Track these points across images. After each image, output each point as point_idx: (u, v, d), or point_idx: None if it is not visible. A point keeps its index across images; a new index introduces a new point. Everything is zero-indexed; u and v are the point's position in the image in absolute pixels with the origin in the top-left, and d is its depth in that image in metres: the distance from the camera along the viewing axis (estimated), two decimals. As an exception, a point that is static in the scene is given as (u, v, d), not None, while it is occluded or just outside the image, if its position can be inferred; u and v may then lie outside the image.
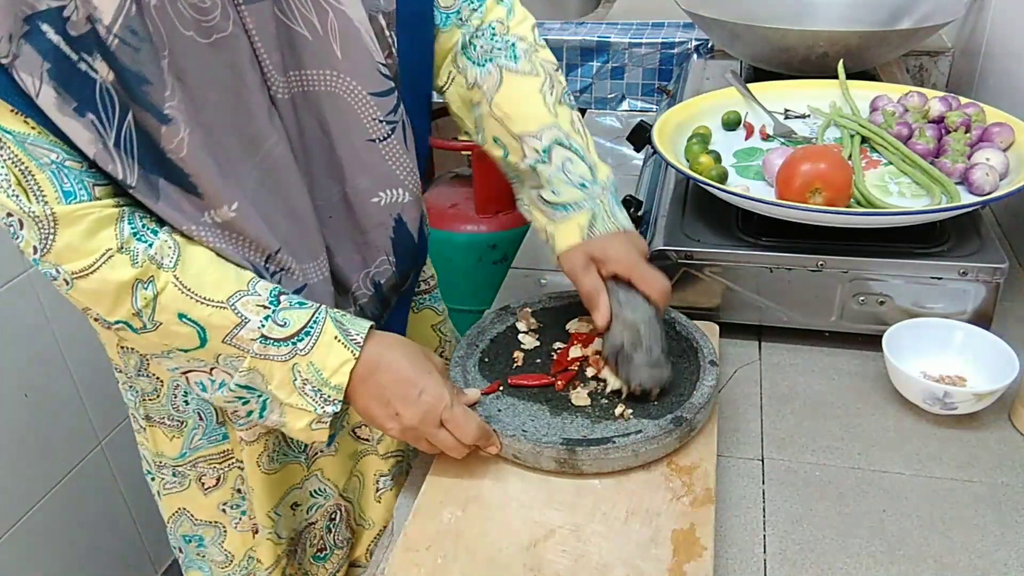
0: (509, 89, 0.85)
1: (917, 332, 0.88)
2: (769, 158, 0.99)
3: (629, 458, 0.74)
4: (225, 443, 0.89)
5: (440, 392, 0.74)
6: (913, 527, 0.72)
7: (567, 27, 1.77)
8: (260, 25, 0.69)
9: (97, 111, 0.63)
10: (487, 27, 0.87)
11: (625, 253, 0.81)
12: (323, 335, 0.72)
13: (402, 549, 0.70)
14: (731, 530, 0.73)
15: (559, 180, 0.83)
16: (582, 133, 0.86)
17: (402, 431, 0.75)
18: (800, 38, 1.24)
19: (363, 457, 0.99)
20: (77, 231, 0.65)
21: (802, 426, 0.84)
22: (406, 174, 0.82)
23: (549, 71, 0.87)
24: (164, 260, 0.69)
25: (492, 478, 0.77)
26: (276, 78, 0.72)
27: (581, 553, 0.68)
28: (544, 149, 0.83)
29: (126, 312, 0.68)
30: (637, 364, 0.79)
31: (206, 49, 0.67)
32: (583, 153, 0.84)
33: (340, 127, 0.77)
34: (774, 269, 0.92)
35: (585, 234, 0.82)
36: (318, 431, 0.74)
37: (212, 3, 0.66)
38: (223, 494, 0.93)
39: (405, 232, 0.85)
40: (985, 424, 0.83)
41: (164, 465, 0.91)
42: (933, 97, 1.10)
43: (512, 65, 0.86)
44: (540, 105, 0.84)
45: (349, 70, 0.75)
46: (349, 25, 0.73)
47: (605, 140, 1.59)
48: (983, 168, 0.93)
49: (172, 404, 0.87)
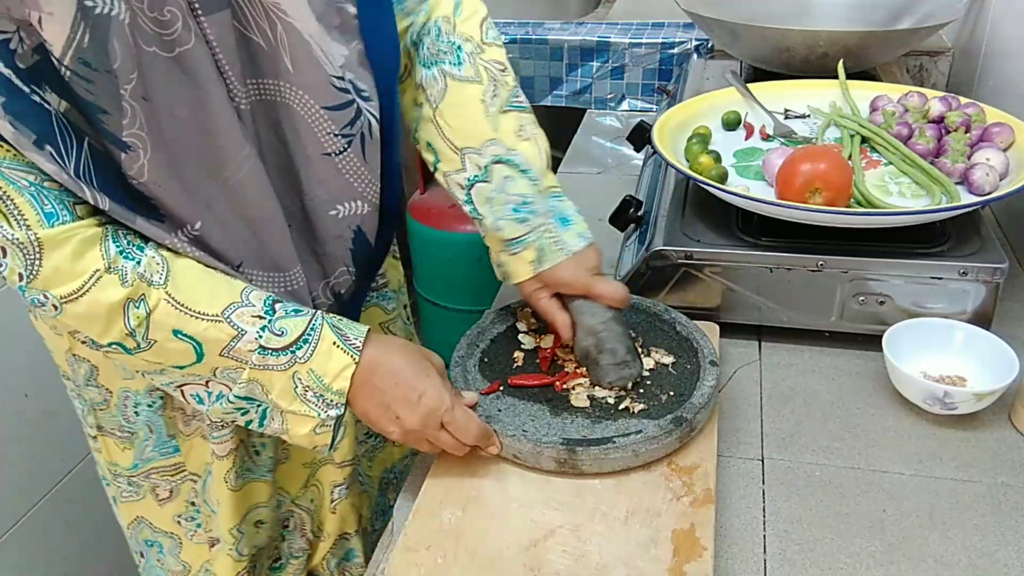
0: (453, 98, 0.83)
1: (917, 332, 0.88)
2: (769, 158, 0.99)
3: (629, 458, 0.74)
4: (176, 456, 0.88)
5: (440, 394, 0.74)
6: (913, 527, 0.72)
7: (567, 27, 1.77)
8: (220, 35, 0.67)
9: (56, 142, 0.61)
10: (433, 25, 0.84)
11: (574, 278, 0.83)
12: (322, 342, 0.72)
13: (402, 549, 0.70)
14: (731, 530, 0.73)
15: (500, 210, 0.82)
16: (530, 138, 0.84)
17: (404, 434, 0.75)
18: (800, 38, 1.24)
19: (321, 467, 0.98)
20: (64, 254, 0.64)
21: (802, 426, 0.84)
22: (364, 186, 0.80)
23: (494, 74, 0.84)
24: (154, 277, 0.68)
25: (492, 478, 0.77)
26: (239, 89, 0.70)
27: (581, 553, 0.68)
28: (485, 165, 0.82)
29: (119, 333, 0.67)
30: (604, 366, 0.82)
31: (170, 64, 0.65)
32: (525, 166, 0.83)
33: (295, 139, 0.75)
34: (774, 269, 0.92)
35: (534, 270, 0.83)
36: (321, 435, 0.73)
37: (172, 16, 0.64)
38: (177, 506, 0.91)
39: (364, 241, 0.84)
40: (985, 424, 0.83)
41: (119, 474, 0.90)
42: (933, 97, 1.10)
43: (456, 72, 0.83)
44: (482, 118, 0.83)
45: (301, 83, 0.73)
46: (299, 39, 0.71)
47: (605, 140, 1.59)
48: (983, 168, 0.93)
49: (123, 415, 0.85)
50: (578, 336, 0.83)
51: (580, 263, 0.83)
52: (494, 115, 0.83)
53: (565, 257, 0.83)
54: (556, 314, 0.85)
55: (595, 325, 0.82)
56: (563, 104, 1.77)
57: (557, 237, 0.83)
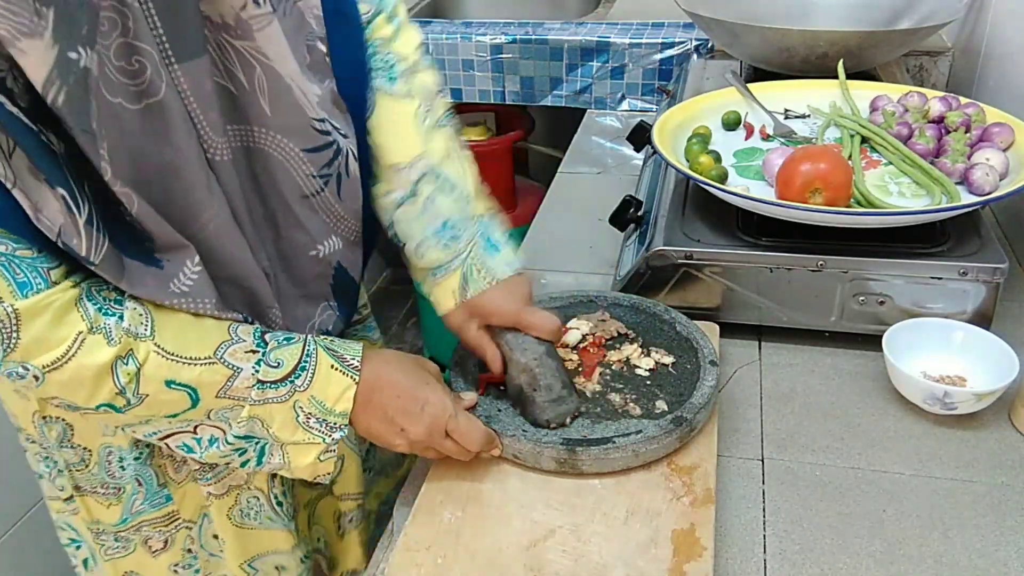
0: (382, 114, 0.80)
1: (917, 332, 0.88)
2: (769, 158, 0.99)
3: (629, 458, 0.74)
4: (169, 505, 0.83)
5: (443, 401, 0.74)
6: (913, 527, 0.72)
7: (567, 27, 1.77)
8: (195, 84, 0.63)
9: (67, 185, 0.58)
10: (370, 44, 0.81)
11: (502, 306, 0.79)
12: (319, 367, 0.70)
13: (402, 549, 0.70)
14: (731, 530, 0.73)
15: (422, 233, 0.79)
16: (459, 159, 0.82)
17: (410, 445, 0.74)
18: (800, 38, 1.23)
19: (319, 502, 0.96)
20: (43, 322, 0.60)
21: (802, 426, 0.84)
22: (336, 222, 0.78)
23: (427, 94, 0.82)
24: (139, 330, 0.64)
25: (492, 478, 0.77)
26: (214, 139, 0.66)
27: (581, 553, 0.68)
28: (414, 182, 0.80)
29: (107, 394, 0.63)
30: (540, 404, 0.78)
31: (136, 116, 0.60)
32: (454, 183, 0.81)
33: (271, 185, 0.73)
34: (774, 269, 0.92)
35: (458, 298, 0.80)
36: (326, 462, 0.72)
37: (141, 65, 0.59)
38: (173, 555, 0.86)
39: (346, 276, 0.83)
40: (985, 424, 0.83)
41: (103, 531, 0.84)
42: (933, 97, 1.10)
43: (388, 87, 0.80)
44: (412, 134, 0.80)
45: (279, 127, 0.70)
46: (279, 81, 0.68)
47: (605, 140, 1.59)
48: (983, 168, 0.93)
49: (106, 471, 0.80)
50: (510, 372, 0.80)
51: (509, 292, 0.80)
52: (427, 130, 0.81)
53: (490, 285, 0.80)
54: (486, 347, 0.80)
55: (527, 362, 0.78)
56: (563, 104, 1.77)
57: (483, 264, 0.80)
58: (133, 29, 0.58)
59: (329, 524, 0.98)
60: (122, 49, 0.58)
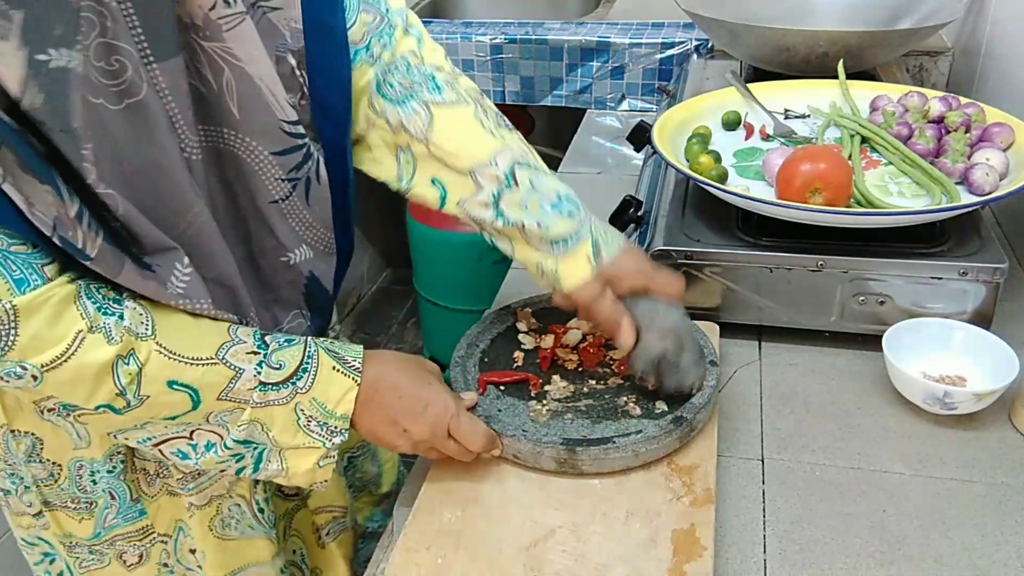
0: (443, 124, 0.77)
1: (917, 332, 0.88)
2: (769, 158, 0.99)
3: (629, 458, 0.74)
4: (143, 519, 0.82)
5: (445, 402, 0.74)
6: (913, 527, 0.72)
7: (567, 27, 1.77)
8: (173, 83, 0.62)
9: (55, 185, 0.57)
10: (400, 60, 0.79)
11: (637, 266, 0.78)
12: (321, 368, 0.70)
13: (402, 549, 0.70)
14: (731, 530, 0.73)
15: (539, 210, 0.77)
16: (535, 154, 0.81)
17: (413, 446, 0.74)
18: (800, 38, 1.23)
19: (295, 514, 0.95)
20: (41, 319, 0.59)
21: (802, 426, 0.84)
22: (306, 229, 0.76)
23: (476, 97, 0.80)
24: (140, 329, 0.63)
25: (492, 478, 0.77)
26: (190, 138, 0.66)
27: (581, 553, 0.68)
28: (506, 173, 0.77)
29: (107, 394, 0.62)
30: (685, 366, 0.77)
31: (118, 117, 0.59)
32: (546, 168, 0.80)
33: (242, 187, 0.71)
34: (774, 269, 0.92)
35: (594, 263, 0.77)
36: (325, 467, 0.72)
37: (122, 65, 0.58)
38: (148, 570, 0.85)
39: (318, 287, 0.81)
40: (985, 424, 0.83)
41: (76, 544, 0.83)
42: (933, 97, 1.10)
43: (437, 98, 0.78)
44: (481, 133, 0.78)
45: (248, 130, 0.68)
46: (249, 83, 0.66)
47: (605, 140, 1.59)
48: (983, 168, 0.93)
49: (77, 486, 0.79)
50: (648, 341, 0.77)
51: (636, 254, 0.79)
52: (493, 127, 0.79)
53: (619, 248, 0.78)
54: (624, 317, 0.76)
55: (671, 326, 0.76)
56: (563, 104, 1.77)
57: (605, 228, 0.79)
58: (112, 29, 0.57)
59: (308, 535, 0.97)
60: (101, 49, 0.57)
